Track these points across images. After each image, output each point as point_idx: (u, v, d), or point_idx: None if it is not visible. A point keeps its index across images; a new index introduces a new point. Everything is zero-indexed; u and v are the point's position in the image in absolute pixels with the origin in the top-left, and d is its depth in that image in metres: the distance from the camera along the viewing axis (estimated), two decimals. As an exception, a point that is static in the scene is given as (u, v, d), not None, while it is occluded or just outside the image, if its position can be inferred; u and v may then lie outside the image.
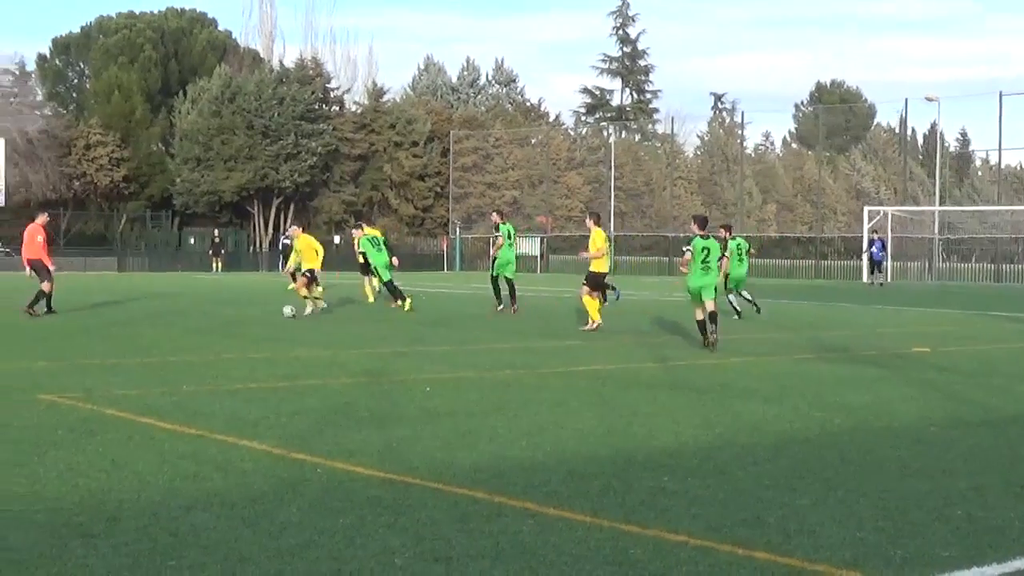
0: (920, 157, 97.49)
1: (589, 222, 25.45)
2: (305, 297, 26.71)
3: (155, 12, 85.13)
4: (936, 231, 66.43)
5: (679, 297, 39.81)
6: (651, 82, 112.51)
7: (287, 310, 25.48)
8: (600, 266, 23.73)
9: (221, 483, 8.38)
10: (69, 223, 72.47)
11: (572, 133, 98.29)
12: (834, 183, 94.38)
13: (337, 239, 69.58)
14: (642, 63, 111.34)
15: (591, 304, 23.09)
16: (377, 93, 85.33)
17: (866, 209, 65.70)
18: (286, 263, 31.81)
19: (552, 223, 79.78)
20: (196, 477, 8.52)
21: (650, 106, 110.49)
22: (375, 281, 31.50)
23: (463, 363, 16.98)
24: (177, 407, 11.92)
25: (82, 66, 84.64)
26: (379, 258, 30.10)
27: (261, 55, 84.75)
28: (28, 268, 26.41)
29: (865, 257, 56.84)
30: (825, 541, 6.99)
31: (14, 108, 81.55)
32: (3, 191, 66.11)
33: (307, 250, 27.03)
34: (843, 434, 11.16)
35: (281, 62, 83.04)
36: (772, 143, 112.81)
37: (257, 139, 73.78)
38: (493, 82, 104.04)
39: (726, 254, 25.32)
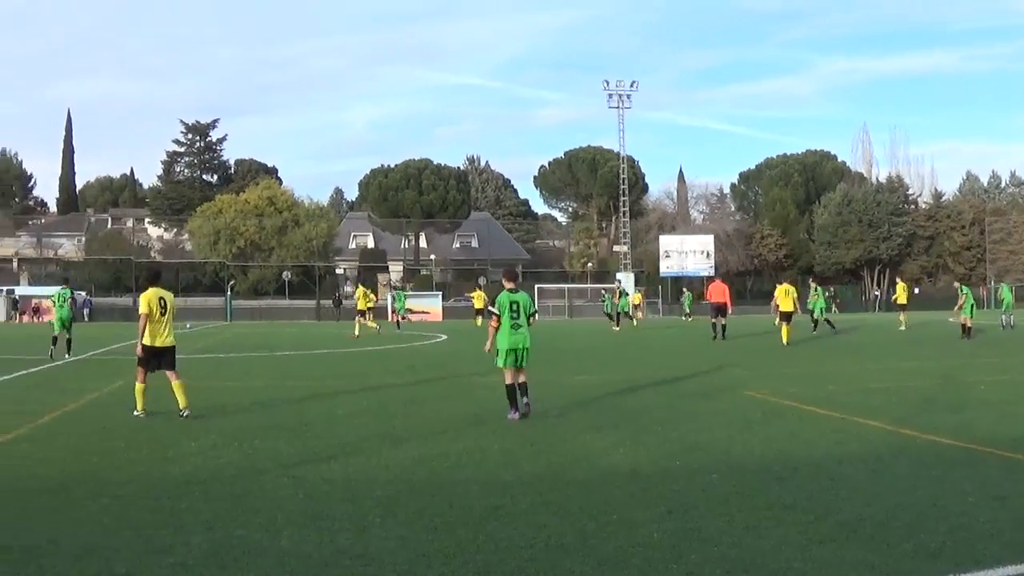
0: None
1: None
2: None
3: (799, 152, 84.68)
4: None
5: None
6: None
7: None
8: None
9: (856, 447, 8.38)
10: (751, 286, 73.15)
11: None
12: None
13: (916, 290, 64.58)
14: None
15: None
16: (937, 196, 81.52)
17: None
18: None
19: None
20: (840, 443, 8.57)
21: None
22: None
23: (1017, 367, 15.65)
24: (826, 399, 11.86)
25: (757, 188, 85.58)
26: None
27: (864, 175, 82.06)
28: (715, 310, 26.57)
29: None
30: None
31: (718, 216, 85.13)
32: (713, 267, 68.31)
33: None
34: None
35: (877, 179, 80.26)
36: None
37: (864, 229, 72.05)
38: (1010, 184, 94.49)
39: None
